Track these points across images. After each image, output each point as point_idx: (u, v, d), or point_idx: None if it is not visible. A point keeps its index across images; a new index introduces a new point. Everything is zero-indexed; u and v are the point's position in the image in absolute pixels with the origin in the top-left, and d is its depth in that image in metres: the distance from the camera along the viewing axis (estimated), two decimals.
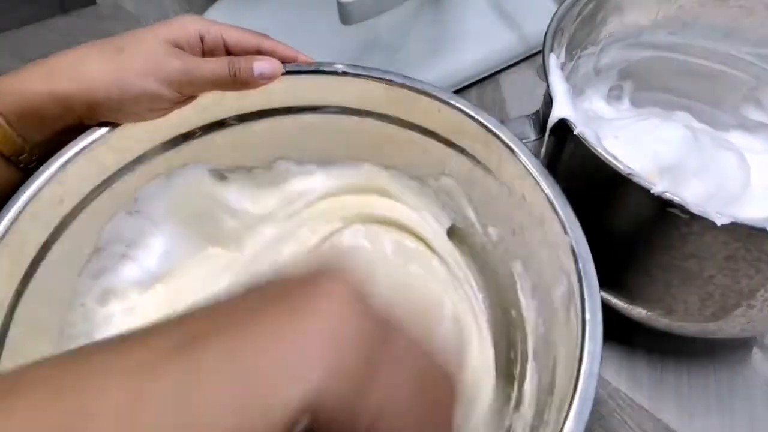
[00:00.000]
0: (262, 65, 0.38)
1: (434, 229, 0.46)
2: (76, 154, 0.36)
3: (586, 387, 0.28)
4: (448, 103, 0.38)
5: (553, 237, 0.34)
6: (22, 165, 0.36)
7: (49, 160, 0.36)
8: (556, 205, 0.34)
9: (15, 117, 0.34)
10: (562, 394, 0.30)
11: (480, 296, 0.44)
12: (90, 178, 0.38)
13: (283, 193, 0.47)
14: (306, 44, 0.41)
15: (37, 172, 0.35)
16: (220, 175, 0.45)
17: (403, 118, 0.41)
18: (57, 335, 0.38)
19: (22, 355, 0.35)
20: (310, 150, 0.45)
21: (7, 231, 0.33)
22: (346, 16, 0.44)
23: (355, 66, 0.40)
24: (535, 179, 0.35)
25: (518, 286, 0.39)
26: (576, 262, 0.32)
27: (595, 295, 0.31)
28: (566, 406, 0.28)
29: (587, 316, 0.30)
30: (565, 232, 0.33)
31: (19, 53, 0.66)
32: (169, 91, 0.36)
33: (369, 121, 0.42)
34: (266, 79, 0.38)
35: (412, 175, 0.45)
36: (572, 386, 0.28)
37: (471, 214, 0.42)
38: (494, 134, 0.37)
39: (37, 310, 0.37)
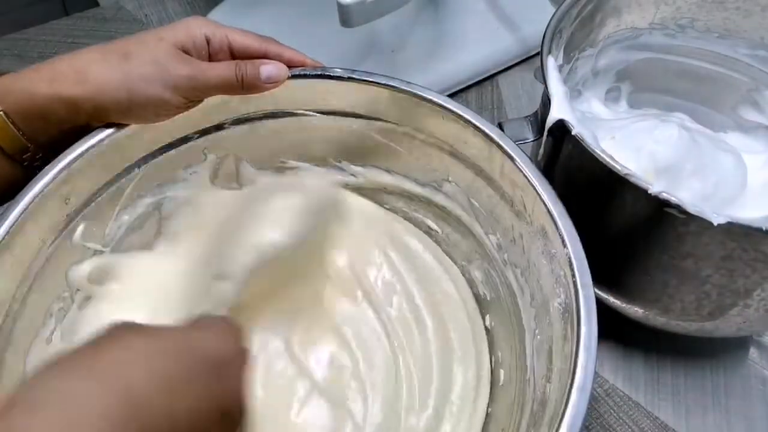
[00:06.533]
0: (268, 69, 0.37)
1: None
2: (83, 154, 0.36)
3: (577, 401, 0.28)
4: (451, 112, 0.38)
5: (552, 248, 0.34)
6: (26, 164, 0.36)
7: (56, 159, 0.36)
8: (556, 217, 0.34)
9: (19, 116, 0.34)
10: (554, 407, 0.30)
11: None
12: (96, 178, 0.38)
13: None
14: (306, 46, 0.41)
15: (43, 171, 0.35)
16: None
17: (406, 123, 0.41)
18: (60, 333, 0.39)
19: (25, 352, 0.36)
20: (312, 152, 0.45)
21: (12, 229, 0.34)
22: (346, 19, 0.44)
23: (359, 71, 0.40)
24: (536, 190, 0.35)
25: (517, 295, 0.40)
26: (573, 274, 0.32)
27: (591, 309, 0.30)
28: (557, 421, 0.27)
29: (582, 328, 0.30)
30: (564, 245, 0.33)
31: (22, 55, 0.66)
32: (176, 97, 0.36)
33: (372, 126, 0.42)
34: (273, 83, 0.38)
35: (416, 180, 0.45)
36: (564, 400, 0.28)
37: (473, 221, 0.43)
38: (497, 144, 0.37)
39: (41, 307, 0.37)
